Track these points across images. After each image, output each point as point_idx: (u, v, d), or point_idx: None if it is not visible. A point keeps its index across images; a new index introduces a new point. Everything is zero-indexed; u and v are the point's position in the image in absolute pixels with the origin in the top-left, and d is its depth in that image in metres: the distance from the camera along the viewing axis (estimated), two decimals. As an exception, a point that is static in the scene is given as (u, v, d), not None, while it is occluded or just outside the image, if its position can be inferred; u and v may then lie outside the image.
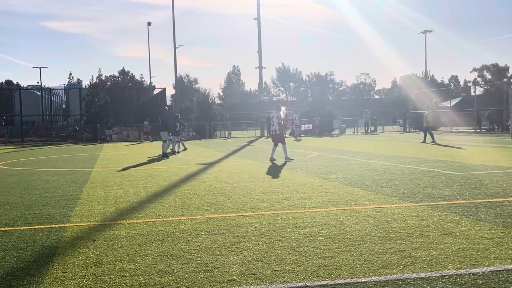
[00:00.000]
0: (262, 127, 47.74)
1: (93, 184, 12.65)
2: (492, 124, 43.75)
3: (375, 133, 47.18)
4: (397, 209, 8.17)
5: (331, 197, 9.54)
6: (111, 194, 10.85)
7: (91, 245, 6.38)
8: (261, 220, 7.55)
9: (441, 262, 5.18)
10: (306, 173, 13.65)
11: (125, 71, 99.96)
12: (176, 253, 5.84)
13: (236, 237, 6.52)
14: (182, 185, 12.05)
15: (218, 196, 10.07)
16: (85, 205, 9.48)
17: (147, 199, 9.99)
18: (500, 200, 8.63)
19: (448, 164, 15.17)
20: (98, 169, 17.01)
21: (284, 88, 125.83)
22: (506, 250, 5.53)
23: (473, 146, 24.28)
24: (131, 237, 6.74)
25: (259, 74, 50.12)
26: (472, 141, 29.02)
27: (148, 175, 14.40)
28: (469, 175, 12.23)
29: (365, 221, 7.25)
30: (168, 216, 8.11)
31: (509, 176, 11.90)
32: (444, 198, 9.01)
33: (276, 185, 11.38)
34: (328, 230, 6.75)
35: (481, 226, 6.74)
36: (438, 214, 7.64)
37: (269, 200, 9.39)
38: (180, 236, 6.67)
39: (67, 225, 7.65)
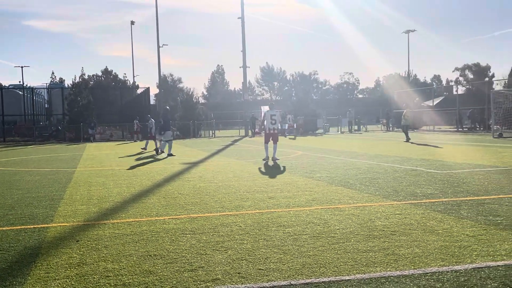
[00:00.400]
0: (247, 126, 47.79)
1: (76, 184, 12.57)
2: (474, 123, 44.20)
3: (359, 132, 47.44)
4: (381, 207, 8.22)
5: (315, 196, 9.57)
6: (95, 194, 10.79)
7: (74, 245, 6.34)
8: (245, 219, 7.56)
9: (424, 260, 5.23)
10: (291, 172, 13.68)
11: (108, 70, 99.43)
12: (160, 253, 5.83)
13: (220, 236, 6.52)
14: (166, 184, 12.01)
15: (202, 195, 10.06)
16: (68, 205, 9.41)
17: (131, 199, 9.94)
18: (482, 198, 8.73)
19: (430, 162, 15.31)
20: (81, 169, 16.89)
21: (268, 87, 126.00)
22: (488, 247, 5.60)
23: (455, 145, 24.52)
24: (115, 237, 6.71)
25: (243, 73, 50.16)
26: (454, 140, 29.30)
27: (131, 175, 14.34)
28: (451, 174, 12.35)
29: (349, 220, 7.29)
30: (152, 216, 8.09)
31: (490, 174, 12.04)
32: (427, 196, 9.09)
33: (261, 184, 11.39)
34: (312, 229, 6.78)
35: (463, 224, 6.82)
36: (421, 212, 7.71)
37: (253, 199, 9.40)
38: (165, 236, 6.66)
39: (50, 226, 7.59)
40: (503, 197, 8.76)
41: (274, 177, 12.75)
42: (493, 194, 9.16)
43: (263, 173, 13.66)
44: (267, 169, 14.70)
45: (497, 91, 40.20)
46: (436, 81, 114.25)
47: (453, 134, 37.44)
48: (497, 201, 8.44)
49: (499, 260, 5.14)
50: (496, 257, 5.23)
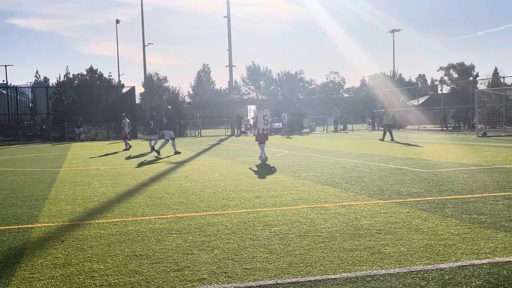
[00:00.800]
0: (233, 125, 47.77)
1: (61, 184, 12.48)
2: (458, 122, 44.55)
3: (345, 132, 47.60)
4: (366, 206, 8.26)
5: (302, 195, 9.59)
6: (80, 193, 10.72)
7: (59, 245, 6.30)
8: (232, 219, 7.55)
9: (409, 258, 5.26)
10: (277, 171, 13.70)
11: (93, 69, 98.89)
12: (146, 253, 5.81)
13: (207, 236, 6.51)
14: (152, 184, 11.97)
15: (188, 195, 10.04)
16: (53, 205, 9.34)
17: (117, 199, 9.90)
18: (466, 197, 8.81)
19: (415, 161, 15.41)
20: (66, 168, 16.77)
21: (255, 86, 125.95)
22: (472, 246, 5.65)
23: (439, 144, 24.70)
24: (101, 237, 6.67)
25: (229, 72, 50.12)
26: (438, 139, 29.52)
27: (117, 174, 14.27)
28: (436, 173, 12.44)
29: (335, 219, 7.32)
30: (138, 216, 8.06)
31: (474, 173, 12.15)
32: (412, 195, 9.15)
33: (247, 184, 11.39)
34: (298, 228, 6.79)
35: (448, 222, 6.87)
36: (406, 211, 7.76)
37: (240, 198, 9.40)
38: (150, 236, 6.63)
39: (35, 226, 7.53)
40: (487, 196, 8.84)
41: (261, 176, 12.76)
42: (477, 192, 9.24)
43: (249, 173, 13.67)
44: (254, 169, 14.70)
45: (481, 90, 40.60)
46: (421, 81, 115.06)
47: (437, 133, 37.72)
48: (481, 199, 8.52)
49: (483, 258, 5.19)
50: (481, 255, 5.28)
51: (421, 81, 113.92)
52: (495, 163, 14.16)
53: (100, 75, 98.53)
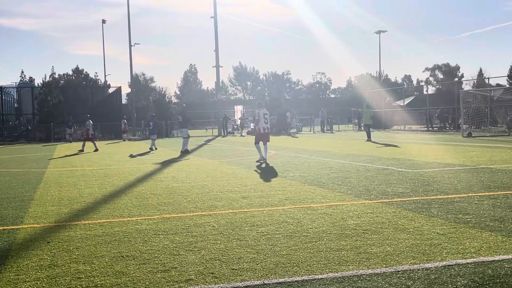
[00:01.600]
0: (220, 126, 47.74)
1: (46, 185, 12.39)
2: (443, 123, 44.87)
3: (331, 132, 47.75)
4: (353, 206, 8.30)
5: (288, 195, 9.61)
6: (66, 194, 10.65)
7: (45, 246, 6.26)
8: (219, 219, 7.55)
9: (396, 258, 5.29)
10: (264, 172, 13.71)
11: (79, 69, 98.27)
12: (133, 254, 5.79)
13: (194, 237, 6.50)
14: (138, 184, 11.93)
15: (175, 195, 10.02)
16: (38, 206, 9.28)
17: (103, 200, 9.85)
18: (452, 197, 8.88)
19: (401, 162, 15.50)
20: (52, 169, 16.66)
21: (242, 87, 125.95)
22: (458, 245, 5.70)
23: (425, 144, 24.87)
24: (87, 238, 6.63)
25: (216, 73, 50.09)
26: (424, 139, 29.72)
27: (103, 175, 14.20)
28: (422, 173, 12.52)
29: (322, 219, 7.34)
30: (124, 217, 8.03)
31: (460, 173, 12.24)
32: (398, 195, 9.21)
33: (234, 184, 11.39)
34: (285, 228, 6.81)
35: (433, 222, 6.92)
36: (392, 211, 7.80)
37: (227, 199, 9.40)
38: (137, 237, 6.61)
39: (20, 227, 7.47)
40: (472, 196, 8.92)
41: (248, 177, 12.77)
42: (463, 192, 9.32)
43: (236, 173, 13.66)
44: (240, 169, 14.69)
45: (466, 91, 40.92)
46: (407, 81, 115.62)
47: (423, 134, 37.97)
48: (466, 199, 8.59)
49: (468, 257, 5.24)
50: (466, 255, 5.32)
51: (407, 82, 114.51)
52: (480, 163, 14.29)
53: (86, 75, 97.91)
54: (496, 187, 9.86)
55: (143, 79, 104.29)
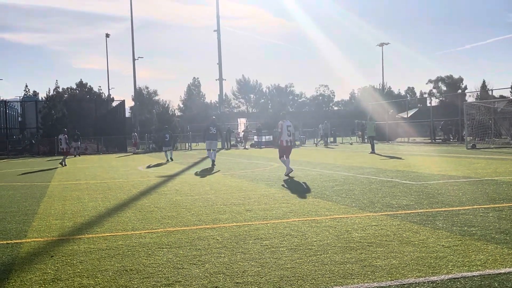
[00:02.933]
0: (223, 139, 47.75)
1: (50, 198, 12.39)
2: (447, 135, 44.79)
3: (335, 144, 47.69)
4: (357, 219, 8.26)
5: (293, 208, 9.58)
6: (69, 208, 10.64)
7: (48, 260, 6.24)
8: (222, 232, 7.52)
9: (401, 271, 5.26)
10: (268, 184, 13.68)
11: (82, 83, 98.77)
12: (136, 268, 5.76)
13: (197, 250, 6.47)
14: (142, 198, 11.91)
15: (179, 208, 9.99)
16: (42, 220, 9.27)
17: (106, 213, 9.83)
18: (457, 209, 8.83)
19: (405, 174, 15.45)
20: (56, 183, 16.67)
21: (245, 99, 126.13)
22: (463, 258, 5.66)
23: (429, 156, 24.81)
24: (90, 252, 6.61)
25: (220, 85, 50.27)
26: (428, 151, 29.66)
27: (107, 188, 14.19)
28: (426, 185, 12.48)
29: (326, 232, 7.31)
30: (128, 230, 8.00)
31: (464, 185, 12.20)
32: (403, 208, 9.17)
33: (238, 197, 11.37)
34: (289, 241, 6.78)
35: (438, 234, 6.88)
36: (397, 223, 7.76)
37: (230, 212, 9.37)
38: (141, 250, 6.59)
39: (24, 241, 7.46)
40: (477, 208, 8.87)
41: (251, 189, 12.74)
42: (468, 204, 9.27)
43: (240, 186, 13.63)
44: (244, 182, 14.67)
45: (470, 103, 40.87)
46: (410, 93, 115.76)
47: (427, 146, 37.89)
48: (471, 211, 8.54)
49: (474, 270, 5.20)
50: (472, 268, 5.28)
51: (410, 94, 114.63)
52: (485, 175, 14.23)
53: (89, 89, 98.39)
54: (501, 199, 9.81)
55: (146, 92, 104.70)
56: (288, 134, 16.59)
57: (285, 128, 16.58)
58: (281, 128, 16.67)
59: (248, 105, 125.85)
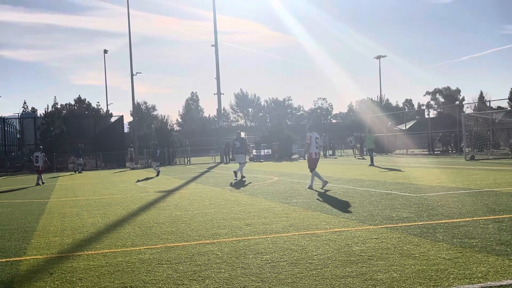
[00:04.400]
0: (222, 153, 47.75)
1: (49, 215, 12.35)
2: (446, 146, 44.82)
3: (333, 157, 47.69)
4: (357, 232, 8.24)
5: (292, 221, 9.56)
6: (68, 225, 10.61)
7: (48, 278, 6.20)
8: (222, 247, 7.50)
9: (402, 284, 5.23)
10: (267, 198, 13.66)
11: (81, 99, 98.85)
12: (136, 284, 5.73)
13: (197, 266, 6.45)
14: (141, 213, 11.88)
15: (178, 224, 9.97)
16: (41, 237, 9.24)
17: (106, 229, 9.80)
18: (457, 221, 8.82)
19: (405, 186, 15.44)
20: (55, 199, 16.63)
21: (243, 113, 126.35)
22: (464, 270, 5.64)
23: (428, 168, 24.81)
24: (90, 268, 6.58)
25: (218, 100, 50.28)
26: (427, 163, 29.66)
27: (106, 204, 14.16)
28: (426, 197, 12.46)
29: (326, 245, 7.28)
30: (127, 246, 7.97)
31: (464, 197, 12.18)
32: (403, 220, 9.15)
33: (237, 211, 11.34)
34: (290, 255, 6.75)
35: (439, 247, 6.86)
36: (397, 236, 7.74)
37: (230, 226, 9.35)
38: (140, 267, 6.56)
39: (23, 259, 7.42)
40: (477, 219, 8.86)
41: (251, 203, 12.72)
42: (468, 216, 9.26)
43: (239, 200, 13.61)
44: (243, 196, 14.64)
45: (468, 114, 40.98)
46: (408, 105, 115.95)
47: (425, 158, 37.90)
48: (471, 223, 8.53)
49: (475, 282, 5.18)
50: (473, 280, 5.26)
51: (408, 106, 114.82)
52: (484, 187, 14.23)
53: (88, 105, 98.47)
54: (501, 210, 9.80)
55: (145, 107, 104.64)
56: (316, 146, 16.50)
57: (314, 140, 16.43)
58: (310, 140, 16.49)
59: (246, 119, 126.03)
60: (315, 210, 11.02)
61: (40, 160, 26.14)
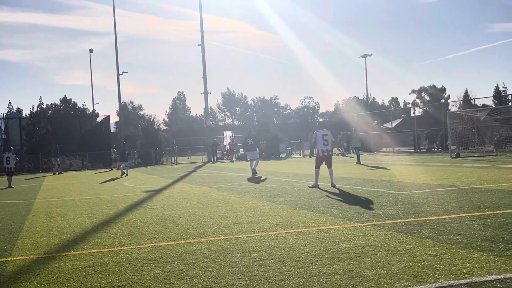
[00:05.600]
0: (209, 152, 47.70)
1: (35, 216, 12.27)
2: (432, 144, 45.12)
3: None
4: (344, 229, 8.28)
5: (280, 220, 9.58)
6: (55, 225, 10.55)
7: (34, 278, 6.17)
8: (210, 246, 7.50)
9: (389, 281, 5.27)
10: (254, 197, 13.67)
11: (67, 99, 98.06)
12: (124, 284, 5.72)
13: (185, 265, 6.45)
14: (128, 213, 11.84)
15: (166, 223, 9.95)
16: (27, 237, 9.18)
17: (92, 229, 9.76)
18: (442, 218, 8.89)
19: (391, 183, 15.53)
20: (41, 200, 16.52)
21: (230, 112, 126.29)
22: (450, 266, 5.69)
23: (414, 165, 24.96)
24: (77, 269, 6.56)
25: (205, 99, 50.20)
26: (413, 161, 29.84)
27: (92, 204, 14.09)
28: (412, 194, 12.55)
29: (314, 243, 7.31)
30: (114, 246, 7.95)
31: (449, 194, 12.28)
32: (389, 217, 9.21)
33: (225, 210, 11.35)
34: (277, 253, 6.77)
35: (425, 243, 6.92)
36: (383, 233, 7.80)
37: (218, 225, 9.35)
38: (128, 266, 6.54)
39: (9, 259, 7.37)
40: (463, 216, 8.94)
41: (238, 202, 12.73)
42: (453, 213, 9.34)
43: (227, 199, 13.61)
44: (230, 195, 14.65)
45: (453, 112, 41.27)
46: (394, 104, 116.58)
47: (411, 155, 38.13)
48: (457, 220, 8.60)
49: (461, 278, 5.23)
50: (458, 276, 5.32)
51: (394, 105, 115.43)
52: (469, 184, 14.35)
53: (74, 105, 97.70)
54: (486, 207, 9.89)
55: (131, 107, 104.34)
56: (324, 143, 16.08)
57: (320, 138, 16.11)
58: (315, 138, 16.26)
59: (233, 118, 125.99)
60: (302, 208, 11.05)
61: (11, 161, 25.04)
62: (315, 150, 16.38)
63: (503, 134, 35.39)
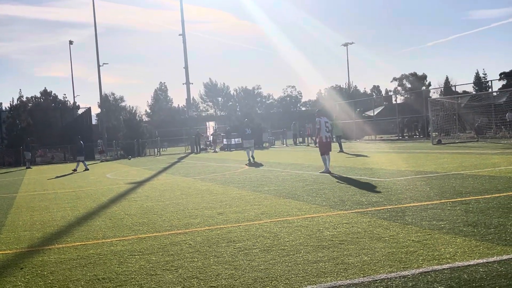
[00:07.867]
0: (192, 143, 47.58)
1: (18, 210, 12.16)
2: (413, 131, 45.43)
3: (304, 144, 47.94)
4: (328, 217, 8.33)
5: (264, 209, 9.61)
6: (38, 218, 10.47)
7: (18, 273, 6.13)
8: (195, 237, 7.50)
9: (373, 267, 5.32)
10: (239, 187, 13.69)
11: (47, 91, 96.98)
12: (109, 276, 5.70)
13: (170, 256, 6.44)
14: (112, 205, 11.79)
15: (150, 215, 9.92)
16: (10, 231, 9.10)
17: (76, 222, 9.70)
18: (425, 204, 8.98)
19: (374, 171, 15.64)
20: (23, 193, 16.37)
21: (213, 103, 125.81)
22: (433, 252, 5.76)
23: (396, 153, 25.15)
24: (61, 262, 6.52)
25: (187, 89, 49.99)
26: (395, 148, 30.06)
27: (75, 197, 14.00)
28: (394, 181, 12.65)
29: (298, 231, 7.35)
30: (98, 239, 7.92)
31: (432, 180, 12.40)
32: (372, 205, 9.28)
33: (209, 200, 11.35)
34: (262, 243, 6.80)
35: (408, 229, 6.99)
36: (367, 220, 7.86)
37: (202, 216, 9.35)
38: (113, 258, 6.52)
39: (-8, 254, 7.31)
40: (445, 202, 9.04)
41: (222, 192, 12.73)
42: (435, 199, 9.43)
43: (211, 190, 13.61)
44: (214, 185, 14.64)
45: (434, 99, 41.58)
46: (376, 92, 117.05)
47: (394, 143, 38.39)
48: (439, 206, 8.70)
49: (444, 263, 5.29)
50: (442, 261, 5.38)
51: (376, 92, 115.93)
52: (451, 170, 14.50)
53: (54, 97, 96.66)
54: (467, 192, 10.01)
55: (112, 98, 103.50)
56: (326, 130, 16.48)
57: (324, 125, 16.41)
58: (320, 124, 16.42)
59: (216, 108, 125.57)
60: (286, 197, 11.09)
61: None
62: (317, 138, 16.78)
63: (484, 120, 35.78)
